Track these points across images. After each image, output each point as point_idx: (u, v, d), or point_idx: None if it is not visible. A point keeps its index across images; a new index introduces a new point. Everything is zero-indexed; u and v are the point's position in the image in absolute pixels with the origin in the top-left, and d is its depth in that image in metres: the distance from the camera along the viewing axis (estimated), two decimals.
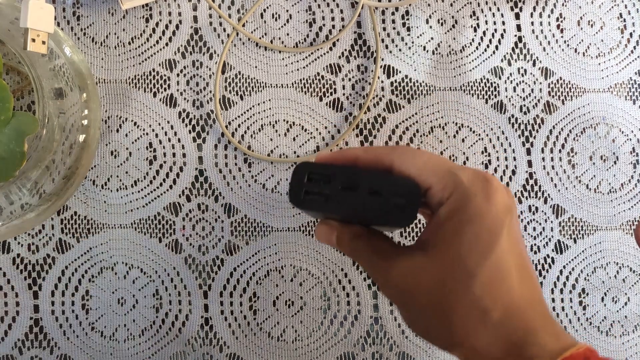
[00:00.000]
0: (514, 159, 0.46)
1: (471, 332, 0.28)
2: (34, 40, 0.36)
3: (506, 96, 0.46)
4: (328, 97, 0.45)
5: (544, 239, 0.45)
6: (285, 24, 0.45)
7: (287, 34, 0.45)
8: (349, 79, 0.45)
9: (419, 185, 0.30)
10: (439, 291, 0.28)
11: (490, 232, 0.28)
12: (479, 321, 0.28)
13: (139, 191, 0.43)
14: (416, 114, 0.45)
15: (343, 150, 0.33)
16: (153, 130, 0.43)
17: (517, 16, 0.47)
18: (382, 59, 0.45)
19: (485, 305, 0.28)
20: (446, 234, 0.29)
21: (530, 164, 0.46)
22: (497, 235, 0.28)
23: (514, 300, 0.28)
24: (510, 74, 0.46)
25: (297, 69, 0.45)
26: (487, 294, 0.28)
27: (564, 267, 0.45)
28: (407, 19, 0.46)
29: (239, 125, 0.44)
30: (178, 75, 0.44)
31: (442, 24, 0.46)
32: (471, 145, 0.45)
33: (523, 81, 0.46)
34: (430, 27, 0.46)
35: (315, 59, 0.45)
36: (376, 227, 0.33)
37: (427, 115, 0.45)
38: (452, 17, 0.46)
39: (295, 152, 0.44)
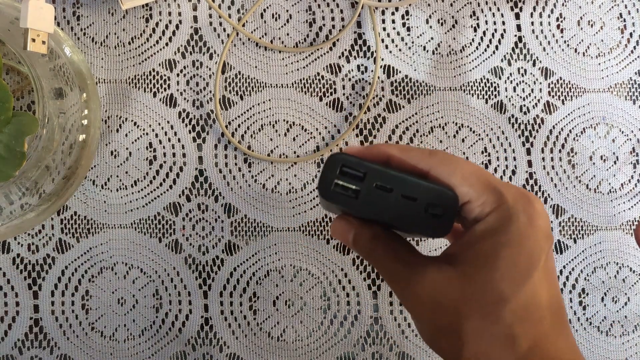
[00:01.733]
0: (514, 159, 0.46)
1: (495, 358, 0.27)
2: (34, 40, 0.36)
3: (506, 96, 0.46)
4: (328, 97, 0.45)
5: None
6: (285, 24, 0.45)
7: (287, 34, 0.45)
8: (349, 79, 0.45)
9: (458, 197, 0.28)
10: (467, 313, 0.27)
11: (529, 259, 0.27)
12: (506, 348, 0.27)
13: (139, 191, 0.43)
14: (416, 114, 0.45)
15: (375, 146, 0.30)
16: (153, 130, 0.43)
17: (517, 16, 0.47)
18: (382, 59, 0.45)
19: (515, 333, 0.26)
20: (481, 253, 0.27)
21: (530, 164, 0.46)
22: (536, 263, 0.27)
23: (545, 332, 0.27)
24: (510, 74, 0.46)
25: (297, 69, 0.45)
26: (518, 322, 0.27)
27: (564, 267, 0.45)
28: (407, 19, 0.46)
29: (239, 125, 0.44)
30: (178, 75, 0.44)
31: (442, 24, 0.46)
32: (471, 145, 0.45)
33: (523, 81, 0.46)
34: (430, 27, 0.46)
35: (315, 59, 0.45)
36: (400, 232, 0.32)
37: (427, 115, 0.45)
38: (452, 17, 0.46)
39: (295, 152, 0.44)
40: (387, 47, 0.46)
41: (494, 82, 0.46)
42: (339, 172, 0.29)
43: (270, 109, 0.44)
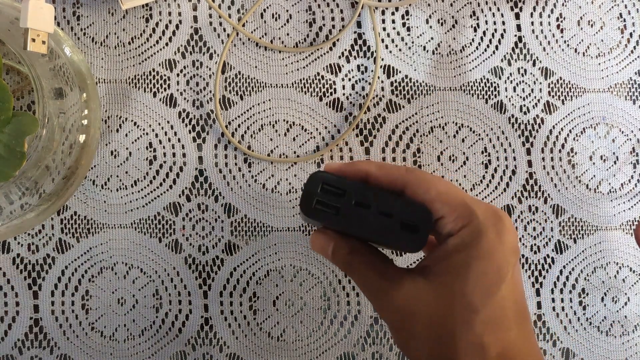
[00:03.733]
0: (514, 159, 0.46)
1: None
2: (34, 40, 0.36)
3: (506, 96, 0.46)
4: (328, 97, 0.45)
5: (544, 239, 0.45)
6: (285, 24, 0.45)
7: (287, 34, 0.45)
8: (349, 79, 0.45)
9: (432, 213, 0.30)
10: (440, 322, 0.29)
11: (498, 272, 0.29)
12: (477, 356, 0.28)
13: (139, 191, 0.43)
14: (416, 114, 0.45)
15: (354, 163, 0.32)
16: (153, 130, 0.43)
17: (517, 16, 0.47)
18: (382, 59, 0.45)
19: (485, 342, 0.28)
20: (453, 266, 0.29)
21: (530, 164, 0.46)
22: (504, 276, 0.29)
23: (512, 340, 0.29)
24: (510, 74, 0.46)
25: (297, 69, 0.45)
26: (488, 331, 0.28)
27: (564, 267, 0.45)
28: (407, 19, 0.46)
29: (239, 125, 0.44)
30: (178, 75, 0.44)
31: (442, 24, 0.46)
32: (471, 145, 0.45)
33: (523, 81, 0.46)
34: (430, 27, 0.46)
35: (315, 59, 0.45)
36: (377, 245, 0.33)
37: (427, 115, 0.45)
38: (452, 17, 0.46)
39: (295, 152, 0.44)
40: (387, 47, 0.46)
41: (494, 82, 0.46)
42: (320, 189, 0.30)
43: (270, 109, 0.44)
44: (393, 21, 0.46)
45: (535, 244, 0.45)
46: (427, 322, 0.29)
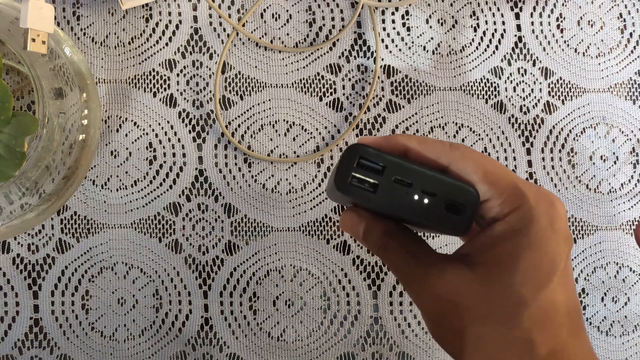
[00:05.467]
0: (514, 159, 0.46)
1: None
2: (34, 40, 0.35)
3: (506, 96, 0.46)
4: (328, 97, 0.45)
5: None
6: (285, 24, 0.45)
7: (287, 34, 0.45)
8: (349, 79, 0.45)
9: (479, 194, 0.27)
10: (482, 314, 0.26)
11: (550, 263, 0.26)
12: (524, 354, 0.26)
13: (139, 191, 0.43)
14: (416, 114, 0.45)
15: (393, 137, 0.29)
16: (153, 130, 0.43)
17: (517, 16, 0.47)
18: (382, 59, 0.45)
19: (533, 338, 0.26)
20: (501, 255, 0.27)
21: (530, 164, 0.46)
22: (556, 267, 0.26)
23: (563, 339, 0.26)
24: (510, 74, 0.46)
25: (297, 69, 0.45)
26: (537, 328, 0.26)
27: None
28: (407, 19, 0.46)
29: (239, 125, 0.44)
30: (178, 75, 0.44)
31: (442, 24, 0.46)
32: (471, 145, 0.45)
33: (523, 81, 0.46)
34: (430, 27, 0.46)
35: (315, 59, 0.45)
36: (413, 227, 0.31)
37: (427, 115, 0.45)
38: (452, 17, 0.46)
39: (295, 152, 0.44)
40: (387, 47, 0.46)
41: (494, 82, 0.46)
42: (356, 164, 0.27)
43: (270, 109, 0.44)
44: (393, 21, 0.46)
45: None
46: (468, 315, 0.26)
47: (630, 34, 0.48)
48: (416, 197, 0.27)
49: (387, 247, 0.29)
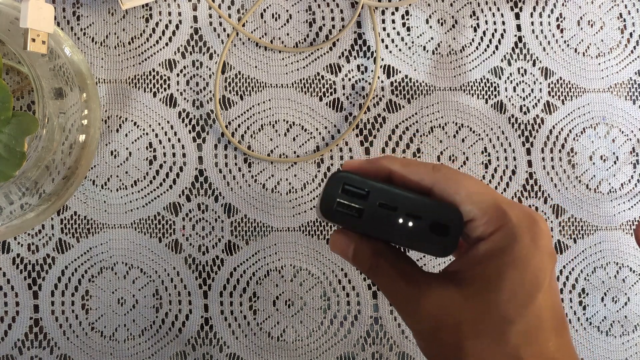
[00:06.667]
0: (514, 159, 0.46)
1: None
2: (34, 40, 0.35)
3: (506, 96, 0.46)
4: (328, 97, 0.45)
5: None
6: (285, 24, 0.45)
7: (287, 34, 0.45)
8: (349, 79, 0.45)
9: (462, 215, 0.28)
10: (470, 332, 0.27)
11: (534, 280, 0.27)
12: None
13: (139, 191, 0.43)
14: (416, 114, 0.45)
15: (376, 160, 0.30)
16: (153, 130, 0.43)
17: (517, 16, 0.47)
18: (382, 59, 0.45)
19: (521, 354, 0.26)
20: (486, 273, 0.27)
21: (530, 164, 0.46)
22: (541, 284, 0.27)
23: (550, 353, 0.27)
24: (510, 74, 0.46)
25: (297, 69, 0.45)
26: (524, 344, 0.26)
27: (564, 267, 0.45)
28: (407, 19, 0.46)
29: (239, 125, 0.44)
30: (178, 75, 0.44)
31: (442, 24, 0.46)
32: (471, 145, 0.45)
33: (523, 81, 0.46)
34: (430, 27, 0.46)
35: (315, 59, 0.45)
36: (403, 246, 0.31)
37: (427, 115, 0.45)
38: (452, 17, 0.46)
39: (295, 152, 0.44)
40: (387, 47, 0.46)
41: (494, 82, 0.46)
42: (341, 190, 0.28)
43: (270, 109, 0.44)
44: (393, 21, 0.46)
45: None
46: (456, 333, 0.27)
47: (630, 34, 0.48)
48: (401, 220, 0.28)
49: (376, 267, 0.30)
